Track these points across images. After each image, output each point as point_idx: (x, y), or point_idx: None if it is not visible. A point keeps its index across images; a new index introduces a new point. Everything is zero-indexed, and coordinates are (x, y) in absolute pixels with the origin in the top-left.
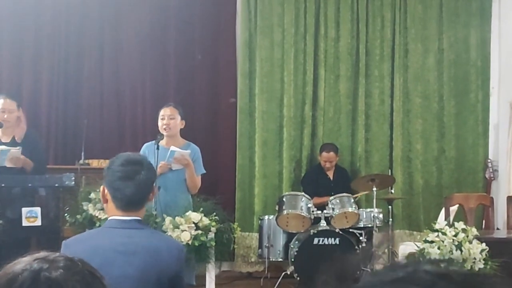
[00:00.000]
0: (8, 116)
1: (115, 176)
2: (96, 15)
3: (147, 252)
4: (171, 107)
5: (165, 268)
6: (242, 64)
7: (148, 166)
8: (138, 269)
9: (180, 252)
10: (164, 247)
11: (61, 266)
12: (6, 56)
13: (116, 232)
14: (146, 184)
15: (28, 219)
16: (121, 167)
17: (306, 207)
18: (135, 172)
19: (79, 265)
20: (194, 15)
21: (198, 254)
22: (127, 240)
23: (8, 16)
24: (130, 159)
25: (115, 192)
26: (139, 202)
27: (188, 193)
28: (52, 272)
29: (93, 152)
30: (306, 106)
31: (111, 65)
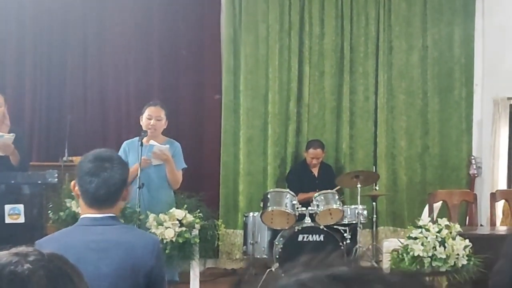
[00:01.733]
0: None
1: (82, 172)
2: (80, 11)
3: (120, 248)
4: (158, 107)
5: (140, 263)
6: (227, 60)
7: (119, 163)
8: (112, 265)
9: (154, 246)
10: (138, 242)
11: (30, 261)
12: None
13: (88, 230)
14: (113, 182)
15: (11, 216)
16: (89, 163)
17: (291, 204)
18: (101, 169)
19: (49, 261)
20: (178, 10)
21: (182, 251)
22: (99, 237)
23: None
24: (99, 156)
25: (81, 188)
26: (105, 199)
27: (170, 188)
28: (18, 267)
29: (76, 149)
30: (291, 103)
31: (94, 61)
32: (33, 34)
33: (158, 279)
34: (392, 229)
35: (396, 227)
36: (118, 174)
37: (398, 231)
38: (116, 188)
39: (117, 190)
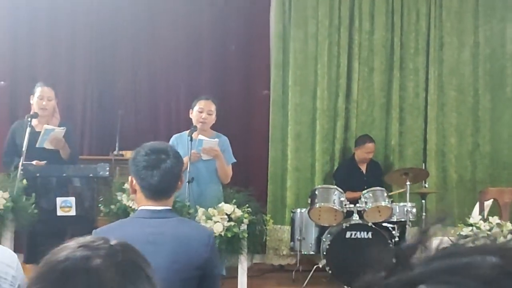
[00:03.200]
0: (47, 103)
1: (140, 166)
2: (131, 6)
3: (176, 240)
4: (209, 101)
5: (195, 255)
6: (276, 56)
7: (174, 154)
8: (167, 258)
9: (209, 239)
10: (193, 234)
11: (102, 255)
12: (42, 47)
13: (145, 222)
14: (172, 172)
15: (62, 209)
16: (145, 156)
17: (339, 200)
18: (160, 161)
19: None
20: (228, 6)
21: (231, 245)
22: (156, 230)
23: (44, 6)
24: (154, 148)
25: (142, 182)
26: (167, 190)
27: (219, 183)
28: (91, 261)
29: (127, 143)
30: (339, 99)
31: (145, 56)
32: (84, 29)
33: (212, 272)
34: (442, 227)
35: (446, 225)
36: (175, 165)
37: (448, 229)
38: (175, 179)
39: (175, 181)
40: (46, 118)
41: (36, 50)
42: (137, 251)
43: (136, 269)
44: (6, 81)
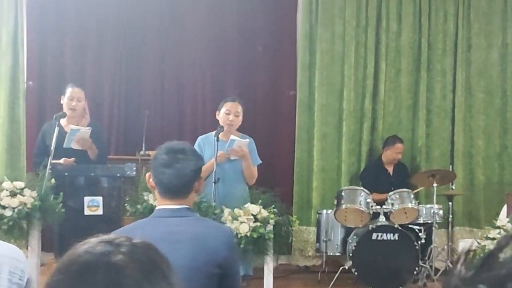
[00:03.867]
0: (76, 104)
1: (156, 163)
2: (158, 7)
3: (194, 239)
4: (236, 103)
5: (213, 254)
6: (302, 56)
7: (192, 155)
8: (185, 257)
9: (228, 237)
10: (211, 233)
11: (123, 252)
12: (69, 48)
13: (163, 221)
14: (184, 173)
15: (90, 208)
16: (163, 154)
17: (365, 201)
18: (174, 160)
19: (142, 251)
20: (255, 6)
21: (256, 246)
22: (173, 229)
23: (71, 8)
24: (172, 148)
25: (155, 179)
26: (179, 189)
27: (245, 184)
28: (112, 257)
29: (153, 143)
30: (366, 100)
31: (172, 56)
32: (112, 30)
33: (232, 270)
34: (468, 230)
35: (473, 227)
36: (190, 165)
37: (475, 231)
38: (188, 179)
39: (189, 181)
40: (76, 118)
41: (64, 51)
42: (158, 250)
43: (155, 268)
44: (34, 82)
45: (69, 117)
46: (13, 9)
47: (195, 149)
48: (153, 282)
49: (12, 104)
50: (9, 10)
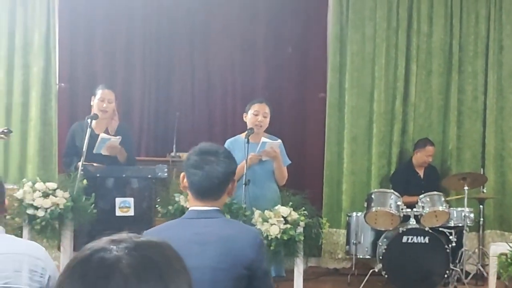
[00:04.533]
0: (107, 105)
1: (188, 164)
2: (187, 9)
3: (221, 240)
4: (264, 104)
5: (241, 255)
6: (333, 58)
7: (224, 157)
8: (213, 258)
9: (255, 239)
10: (239, 235)
11: (121, 248)
12: (100, 50)
13: (192, 223)
14: (215, 175)
15: (121, 209)
16: (195, 156)
17: (395, 204)
18: (205, 162)
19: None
20: (285, 8)
21: (287, 248)
22: (202, 230)
23: (101, 10)
24: (205, 149)
25: (187, 180)
26: (210, 191)
27: (276, 185)
28: (107, 253)
29: (184, 145)
30: (396, 102)
31: (201, 58)
32: (142, 32)
33: (261, 272)
34: (499, 233)
35: (504, 230)
36: (221, 168)
37: (506, 235)
38: (219, 182)
39: (220, 184)
40: (106, 120)
41: (95, 52)
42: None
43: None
44: (65, 83)
45: (99, 118)
46: (45, 12)
47: (229, 151)
48: (142, 279)
49: (44, 106)
50: (41, 13)
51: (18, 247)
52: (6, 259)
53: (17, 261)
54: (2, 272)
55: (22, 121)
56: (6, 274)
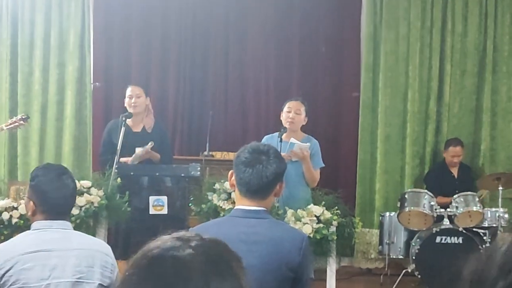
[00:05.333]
0: (136, 100)
1: (238, 162)
2: (222, 8)
3: (269, 241)
4: (298, 102)
5: (287, 258)
6: (366, 57)
7: (275, 157)
8: (260, 258)
9: (302, 242)
10: (286, 237)
11: (191, 246)
12: (134, 49)
13: (239, 221)
14: (266, 174)
15: (155, 208)
16: (247, 154)
17: (429, 204)
18: (257, 161)
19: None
20: (318, 7)
21: (319, 247)
22: (250, 230)
23: (136, 9)
24: (256, 148)
25: (236, 178)
26: (258, 191)
27: (307, 185)
28: (180, 251)
29: (217, 144)
30: (430, 101)
31: (235, 57)
32: (177, 31)
33: (304, 275)
34: None
35: None
36: (272, 167)
37: None
38: (268, 181)
39: (269, 183)
40: (141, 115)
41: (129, 52)
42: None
43: (223, 263)
44: (100, 82)
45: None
46: (80, 12)
47: (279, 152)
48: (220, 276)
49: (78, 105)
50: (76, 12)
51: (90, 243)
52: (80, 254)
53: (90, 257)
54: (76, 267)
55: (57, 120)
56: (80, 269)
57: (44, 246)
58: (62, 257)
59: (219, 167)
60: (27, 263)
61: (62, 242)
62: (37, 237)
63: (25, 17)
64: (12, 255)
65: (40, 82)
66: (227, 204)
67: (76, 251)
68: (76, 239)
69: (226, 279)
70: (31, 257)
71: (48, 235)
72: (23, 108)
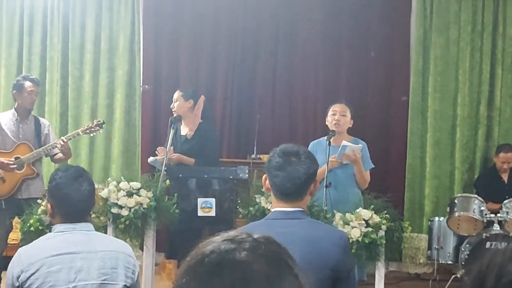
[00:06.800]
0: (173, 105)
1: (270, 166)
2: (271, 12)
3: (307, 241)
4: (343, 104)
5: (327, 257)
6: (416, 61)
7: (306, 157)
8: (300, 259)
9: (341, 240)
10: (325, 236)
11: (247, 248)
12: (184, 53)
13: (277, 223)
14: (298, 175)
15: (203, 210)
16: (277, 157)
17: (479, 209)
18: (287, 163)
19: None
20: (368, 11)
21: (368, 251)
22: (287, 230)
23: (185, 13)
24: (286, 150)
25: (270, 181)
26: (292, 193)
27: (358, 188)
28: (237, 254)
29: (264, 147)
30: (481, 106)
31: (284, 61)
32: (226, 35)
33: (346, 274)
34: None
35: None
36: (303, 168)
37: None
38: (301, 182)
39: (302, 184)
40: (187, 119)
41: (179, 55)
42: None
43: (280, 260)
44: (150, 85)
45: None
46: (130, 15)
47: (310, 152)
48: (281, 275)
49: (128, 108)
50: (126, 16)
51: (113, 245)
52: (104, 256)
53: (113, 258)
54: (101, 269)
55: (106, 122)
56: (105, 271)
57: (70, 248)
58: (87, 259)
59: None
60: (54, 266)
61: (86, 244)
62: (62, 239)
63: (76, 21)
64: (37, 258)
65: (90, 85)
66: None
67: (100, 253)
68: (100, 241)
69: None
70: (58, 260)
71: (73, 237)
72: (73, 111)
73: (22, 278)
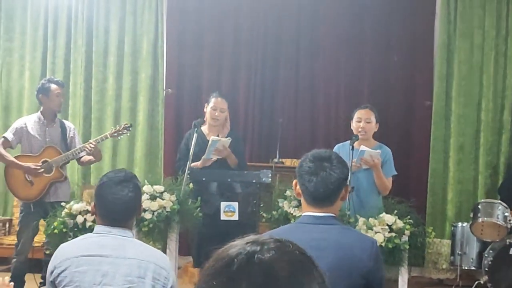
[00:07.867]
0: (219, 114)
1: (302, 171)
2: (294, 16)
3: (338, 247)
4: (367, 110)
5: (357, 264)
6: (439, 66)
7: (338, 162)
8: (329, 264)
9: (372, 248)
10: (356, 243)
11: (272, 248)
12: (207, 57)
13: (308, 228)
14: (331, 181)
15: (226, 213)
16: (309, 162)
17: (503, 215)
18: (320, 168)
19: (289, 246)
20: (392, 16)
21: (392, 256)
22: (319, 236)
23: (208, 17)
24: (318, 155)
25: (302, 187)
26: (325, 197)
27: (379, 193)
28: (264, 254)
29: (287, 151)
30: (505, 111)
31: (306, 65)
32: (248, 39)
33: (376, 281)
34: None
35: None
36: (336, 173)
37: None
38: (334, 187)
39: (335, 189)
40: (217, 128)
41: (202, 59)
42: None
43: (306, 263)
44: (173, 89)
45: (210, 125)
46: (153, 19)
47: (341, 157)
48: (304, 278)
49: (151, 111)
50: (149, 20)
51: (145, 254)
52: (132, 263)
53: (142, 267)
54: (127, 276)
55: None
56: (130, 279)
57: (99, 251)
58: (114, 264)
59: (289, 174)
60: (81, 266)
61: (117, 249)
62: (95, 241)
63: (100, 25)
64: (68, 256)
65: (113, 88)
66: (297, 211)
67: (128, 260)
68: (132, 248)
69: (313, 279)
70: (85, 261)
71: (106, 240)
72: (96, 114)
73: (54, 273)
